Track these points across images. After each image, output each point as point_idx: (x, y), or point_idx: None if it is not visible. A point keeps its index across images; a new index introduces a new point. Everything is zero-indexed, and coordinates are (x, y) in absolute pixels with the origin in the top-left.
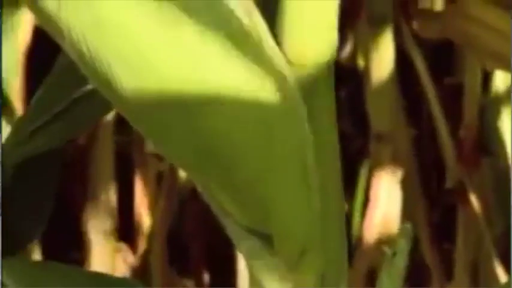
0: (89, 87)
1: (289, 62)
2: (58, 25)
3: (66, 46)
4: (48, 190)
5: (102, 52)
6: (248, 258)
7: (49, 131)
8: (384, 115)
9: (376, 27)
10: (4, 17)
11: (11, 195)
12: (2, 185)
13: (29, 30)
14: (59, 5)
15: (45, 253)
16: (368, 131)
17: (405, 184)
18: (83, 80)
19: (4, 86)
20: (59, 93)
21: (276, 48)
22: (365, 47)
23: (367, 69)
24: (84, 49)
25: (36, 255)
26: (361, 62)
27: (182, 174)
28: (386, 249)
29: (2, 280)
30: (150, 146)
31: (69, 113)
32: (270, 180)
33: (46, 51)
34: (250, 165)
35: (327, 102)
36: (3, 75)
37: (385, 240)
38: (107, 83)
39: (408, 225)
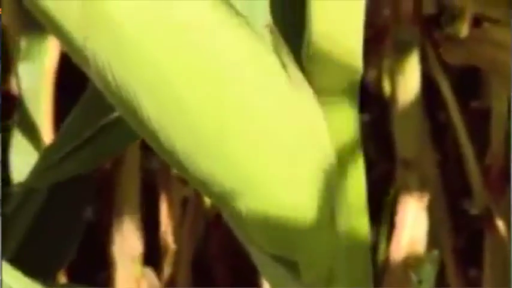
0: (117, 114)
1: (314, 87)
2: (84, 54)
3: (91, 75)
4: (78, 218)
5: (128, 81)
6: (273, 286)
7: (78, 156)
8: (410, 141)
9: (402, 52)
10: (31, 43)
11: (42, 221)
12: (34, 210)
13: (56, 57)
14: (85, 34)
15: (71, 276)
16: (391, 156)
17: (431, 209)
18: (111, 108)
19: (32, 111)
20: (88, 119)
21: (300, 74)
22: (391, 72)
23: (393, 95)
24: (110, 78)
25: (63, 278)
26: (386, 87)
27: (207, 198)
28: (413, 276)
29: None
30: (175, 171)
31: (98, 139)
32: (296, 208)
33: (75, 77)
34: (278, 196)
35: (352, 127)
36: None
37: (411, 266)
38: (132, 111)
39: (435, 252)
